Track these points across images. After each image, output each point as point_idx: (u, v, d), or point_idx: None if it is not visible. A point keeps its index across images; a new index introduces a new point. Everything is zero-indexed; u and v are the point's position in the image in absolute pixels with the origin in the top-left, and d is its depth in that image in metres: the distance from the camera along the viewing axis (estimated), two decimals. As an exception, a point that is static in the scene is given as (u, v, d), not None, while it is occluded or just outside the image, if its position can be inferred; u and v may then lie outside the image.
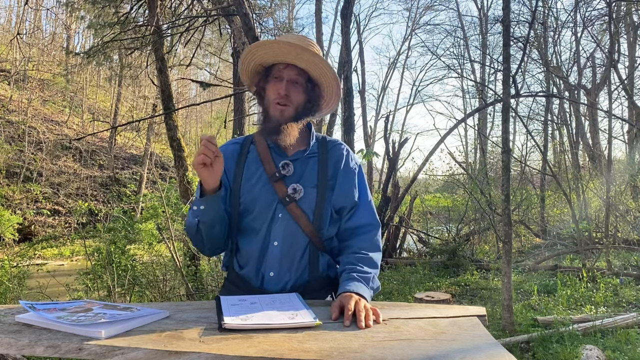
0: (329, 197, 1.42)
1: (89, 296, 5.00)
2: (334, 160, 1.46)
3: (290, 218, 1.39)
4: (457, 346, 0.96)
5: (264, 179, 1.41)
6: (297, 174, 1.42)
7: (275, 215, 1.39)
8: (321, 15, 11.42)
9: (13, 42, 12.37)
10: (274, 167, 1.42)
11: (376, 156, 8.21)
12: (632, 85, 11.81)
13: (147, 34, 7.71)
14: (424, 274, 7.57)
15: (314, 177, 1.43)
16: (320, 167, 1.44)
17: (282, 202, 1.39)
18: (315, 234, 1.41)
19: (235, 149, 1.49)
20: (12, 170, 15.29)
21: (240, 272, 1.44)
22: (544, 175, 11.67)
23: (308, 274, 1.42)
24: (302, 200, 1.39)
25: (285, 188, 1.39)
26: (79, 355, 0.92)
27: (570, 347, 3.79)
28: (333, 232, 1.47)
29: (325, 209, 1.41)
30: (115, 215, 6.98)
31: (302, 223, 1.39)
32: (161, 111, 9.28)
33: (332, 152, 1.48)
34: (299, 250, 1.40)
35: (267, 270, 1.39)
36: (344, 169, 1.46)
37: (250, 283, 1.41)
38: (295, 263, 1.40)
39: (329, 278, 1.47)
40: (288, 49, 1.37)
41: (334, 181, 1.44)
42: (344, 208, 1.45)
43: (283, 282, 1.40)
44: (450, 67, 19.79)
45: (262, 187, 1.41)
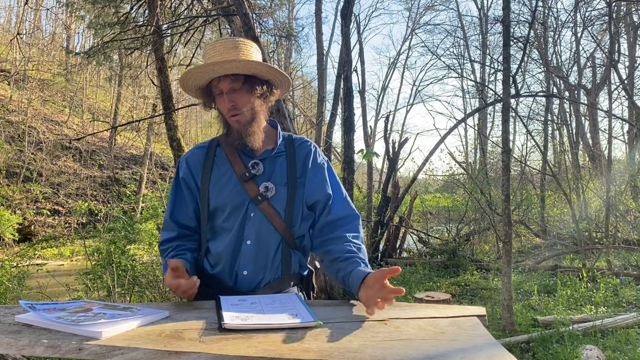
0: (299, 195, 1.45)
1: (89, 296, 5.00)
2: (302, 158, 1.49)
3: (262, 217, 1.41)
4: (457, 346, 0.96)
5: (234, 180, 1.44)
6: (267, 173, 1.44)
7: (248, 215, 1.41)
8: (321, 15, 11.41)
9: (13, 42, 12.37)
10: (243, 167, 1.44)
11: (376, 156, 8.21)
12: (632, 85, 11.80)
13: (147, 34, 7.71)
14: (424, 274, 7.57)
15: (284, 175, 1.45)
16: (289, 165, 1.47)
17: (253, 202, 1.41)
18: (288, 232, 1.43)
19: (202, 153, 1.52)
20: (12, 170, 15.29)
21: (212, 272, 1.46)
22: (544, 175, 11.67)
23: (281, 272, 1.44)
24: (274, 198, 1.42)
25: (256, 187, 1.42)
26: (79, 355, 0.92)
27: (570, 347, 3.79)
28: (305, 229, 1.49)
29: (296, 206, 1.44)
30: (115, 215, 6.99)
31: (275, 221, 1.42)
32: (161, 111, 9.28)
33: (300, 149, 1.51)
34: (272, 248, 1.43)
35: (241, 269, 1.42)
36: (312, 166, 1.49)
37: (223, 282, 1.43)
38: (269, 261, 1.42)
39: (300, 276, 1.50)
40: (212, 68, 1.39)
41: (303, 178, 1.47)
42: (318, 202, 1.47)
43: (257, 281, 1.42)
44: (450, 67, 19.77)
45: (232, 187, 1.43)
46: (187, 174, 1.50)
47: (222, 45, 1.42)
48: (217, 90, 1.43)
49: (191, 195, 1.50)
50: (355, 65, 14.87)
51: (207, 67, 1.39)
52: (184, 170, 1.51)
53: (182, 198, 1.51)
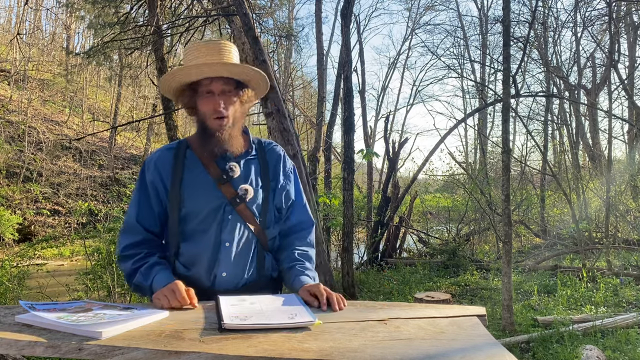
0: (271, 198, 1.49)
1: (89, 296, 5.00)
2: (273, 162, 1.52)
3: (239, 219, 1.43)
4: (457, 346, 0.97)
5: (209, 182, 1.43)
6: (243, 176, 1.45)
7: (225, 217, 1.42)
8: (321, 15, 11.42)
9: (13, 42, 12.37)
10: (218, 170, 1.44)
11: (376, 156, 8.21)
12: (632, 85, 11.80)
13: (147, 34, 7.71)
14: (424, 274, 7.56)
15: (258, 178, 1.48)
16: (262, 169, 1.49)
17: (231, 204, 1.41)
18: (262, 234, 1.47)
19: (170, 155, 1.49)
20: (12, 170, 15.28)
21: (187, 274, 1.44)
22: (544, 175, 11.67)
23: (257, 274, 1.46)
24: (251, 200, 1.43)
25: (234, 190, 1.42)
26: (79, 356, 0.92)
27: (570, 347, 3.79)
28: (276, 231, 1.52)
29: (269, 209, 1.48)
30: (115, 215, 6.98)
31: (251, 223, 1.44)
32: (161, 111, 9.28)
33: (270, 154, 1.53)
34: (248, 250, 1.45)
35: (220, 271, 1.42)
36: (283, 171, 1.53)
37: (200, 283, 1.42)
38: (246, 263, 1.45)
39: (272, 278, 1.53)
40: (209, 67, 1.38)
41: (275, 182, 1.50)
42: (283, 207, 1.52)
43: (235, 282, 1.43)
44: (450, 67, 19.76)
45: (208, 190, 1.42)
46: (156, 177, 1.46)
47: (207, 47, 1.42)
48: (207, 89, 1.41)
49: (157, 199, 1.47)
50: (355, 65, 14.86)
51: (205, 66, 1.37)
52: (152, 173, 1.47)
53: (148, 201, 1.47)
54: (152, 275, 1.36)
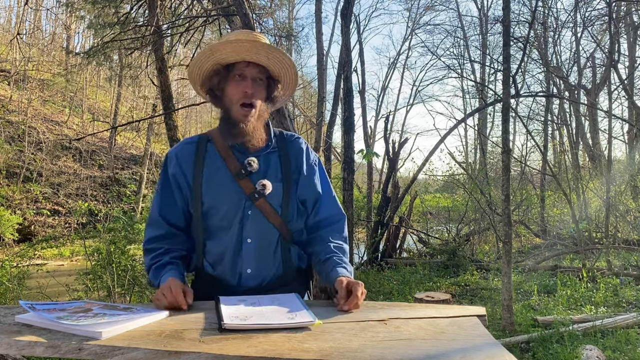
0: (294, 191, 1.46)
1: (89, 296, 5.00)
2: (295, 155, 1.49)
3: (260, 214, 1.41)
4: (457, 346, 0.97)
5: (228, 177, 1.41)
6: (262, 170, 1.43)
7: (245, 213, 1.40)
8: (321, 15, 11.42)
9: (13, 42, 12.36)
10: (237, 164, 1.42)
11: (376, 156, 8.21)
12: (632, 85, 11.80)
13: (147, 34, 7.71)
14: (424, 274, 7.56)
15: (278, 172, 1.45)
16: (282, 162, 1.46)
17: (250, 199, 1.40)
18: (285, 227, 1.44)
19: (191, 149, 1.47)
20: (12, 170, 15.28)
21: (213, 273, 1.43)
22: (544, 175, 11.67)
23: (283, 267, 1.44)
24: (270, 195, 1.41)
25: (252, 184, 1.40)
26: (79, 356, 0.92)
27: (570, 347, 3.79)
28: (301, 224, 1.50)
29: (291, 202, 1.45)
30: (115, 216, 6.98)
31: (272, 217, 1.42)
32: (161, 111, 9.28)
33: (292, 146, 1.51)
34: (272, 244, 1.43)
35: (244, 268, 1.41)
36: (306, 164, 1.49)
37: (226, 282, 1.41)
38: (270, 258, 1.43)
39: (300, 269, 1.50)
40: (249, 46, 1.37)
41: (297, 175, 1.47)
42: (308, 200, 1.49)
43: (260, 278, 1.42)
44: (450, 67, 19.75)
45: (227, 185, 1.41)
46: (177, 171, 1.45)
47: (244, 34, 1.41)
48: (240, 72, 1.39)
49: (180, 194, 1.45)
50: (355, 65, 14.88)
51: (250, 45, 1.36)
52: (174, 167, 1.46)
53: (171, 195, 1.46)
54: (161, 275, 1.35)
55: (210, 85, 1.46)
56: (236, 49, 1.38)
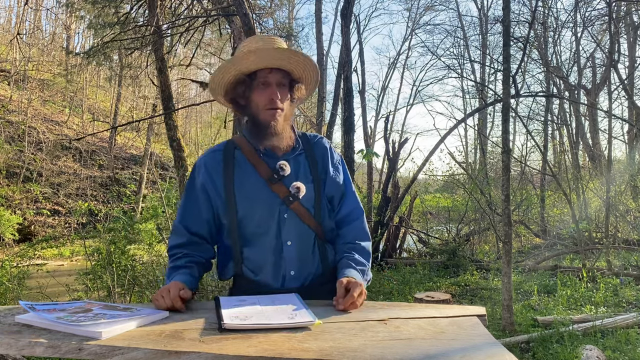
0: (323, 190, 1.48)
1: (89, 296, 5.00)
2: (320, 155, 1.51)
3: (295, 216, 1.42)
4: (457, 346, 0.96)
5: (260, 183, 1.42)
6: (294, 173, 1.44)
7: (281, 217, 1.41)
8: (321, 15, 11.43)
9: (13, 42, 12.37)
10: (269, 170, 1.42)
11: (376, 156, 8.21)
12: (632, 85, 11.80)
13: (147, 34, 7.71)
14: (424, 274, 7.56)
15: (308, 173, 1.46)
16: (310, 163, 1.48)
17: (285, 203, 1.41)
18: (319, 228, 1.46)
19: (219, 157, 1.47)
20: (12, 170, 15.28)
21: (255, 278, 1.44)
22: (544, 175, 11.67)
23: (322, 267, 1.47)
24: (304, 197, 1.43)
25: (286, 188, 1.41)
26: (79, 356, 0.92)
27: (570, 347, 3.79)
28: (332, 223, 1.52)
29: (322, 202, 1.48)
30: (115, 216, 6.98)
31: (306, 219, 1.43)
32: (161, 111, 9.28)
33: (316, 146, 1.53)
34: (310, 245, 1.45)
35: (288, 270, 1.42)
36: (331, 162, 1.52)
37: (270, 286, 1.42)
38: (310, 258, 1.45)
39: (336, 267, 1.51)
40: (272, 53, 1.38)
41: (324, 174, 1.50)
42: (334, 198, 1.52)
43: (302, 278, 1.44)
44: (450, 67, 19.77)
45: (260, 191, 1.41)
46: (207, 180, 1.45)
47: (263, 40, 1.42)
48: (263, 80, 1.40)
49: (207, 203, 1.46)
50: (355, 65, 14.85)
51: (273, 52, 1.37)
52: (203, 176, 1.46)
53: (196, 204, 1.46)
54: (171, 276, 1.37)
55: (233, 95, 1.46)
56: (259, 58, 1.38)
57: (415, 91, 23.31)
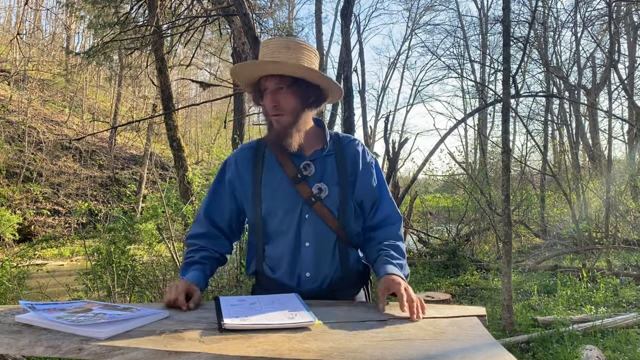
0: (350, 193, 1.45)
1: (89, 296, 5.00)
2: (351, 157, 1.48)
3: (317, 218, 1.41)
4: (457, 346, 0.97)
5: (285, 182, 1.42)
6: (319, 174, 1.43)
7: (302, 217, 1.41)
8: (321, 15, 11.43)
9: (13, 42, 12.37)
10: (294, 169, 1.43)
11: (376, 156, 8.20)
12: (632, 85, 11.80)
13: (147, 34, 7.71)
14: (424, 274, 7.56)
15: (335, 175, 1.45)
16: (339, 165, 1.46)
17: (307, 203, 1.41)
18: (342, 231, 1.44)
19: (250, 155, 1.50)
20: (12, 170, 15.28)
21: (273, 276, 1.45)
22: (544, 175, 11.66)
23: (341, 271, 1.45)
24: (327, 198, 1.42)
25: (309, 189, 1.41)
26: (79, 356, 0.92)
27: (570, 347, 3.79)
28: (358, 227, 1.50)
29: (348, 205, 1.45)
30: (115, 216, 6.98)
31: (329, 221, 1.42)
32: (161, 111, 9.28)
33: (348, 148, 1.50)
34: (329, 248, 1.43)
35: (303, 271, 1.42)
36: (362, 165, 1.49)
37: (286, 286, 1.43)
38: (328, 261, 1.43)
39: (359, 272, 1.51)
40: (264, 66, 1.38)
41: (353, 177, 1.47)
42: (366, 202, 1.49)
43: (319, 281, 1.43)
44: (450, 67, 19.78)
45: (284, 189, 1.42)
46: (235, 176, 1.48)
47: (275, 44, 1.41)
48: (264, 87, 1.41)
49: (232, 197, 1.49)
50: (355, 65, 14.89)
51: (253, 65, 1.40)
52: (232, 171, 1.49)
53: (221, 199, 1.50)
54: (186, 272, 1.39)
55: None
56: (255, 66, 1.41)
57: (415, 91, 23.36)
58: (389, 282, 1.26)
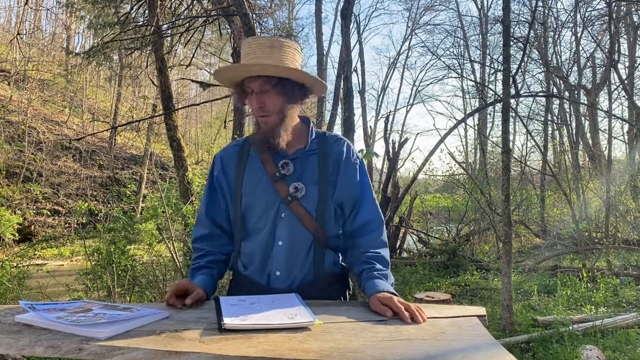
0: (330, 193, 1.43)
1: (89, 296, 5.00)
2: (334, 156, 1.46)
3: (293, 217, 1.40)
4: (457, 346, 0.96)
5: (265, 180, 1.43)
6: (298, 173, 1.42)
7: (279, 215, 1.40)
8: (321, 15, 11.43)
9: (13, 42, 12.37)
10: (274, 167, 1.42)
11: (376, 156, 8.21)
12: (632, 85, 11.81)
13: (147, 34, 7.71)
14: (424, 274, 7.56)
15: (315, 174, 1.43)
16: (320, 164, 1.44)
17: (284, 202, 1.40)
18: (320, 231, 1.42)
19: (235, 152, 1.51)
20: (12, 170, 15.28)
21: (244, 272, 1.46)
22: (544, 175, 11.67)
23: (313, 272, 1.42)
24: (304, 198, 1.40)
25: (287, 187, 1.40)
26: (79, 356, 0.92)
27: (570, 347, 3.79)
28: (338, 229, 1.47)
29: (327, 205, 1.42)
30: (115, 216, 6.98)
31: (306, 221, 1.40)
32: (161, 111, 9.29)
33: (333, 147, 1.48)
34: (304, 248, 1.41)
35: (273, 270, 1.41)
36: (344, 164, 1.46)
37: (256, 283, 1.43)
38: (300, 262, 1.41)
39: (335, 275, 1.48)
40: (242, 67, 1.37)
41: (334, 177, 1.44)
42: (346, 204, 1.46)
43: (289, 281, 1.41)
44: (450, 67, 19.78)
45: (263, 187, 1.42)
46: (220, 173, 1.50)
47: (257, 44, 1.39)
48: (249, 89, 1.41)
49: (222, 195, 1.50)
50: (355, 65, 14.88)
51: (238, 67, 1.39)
52: (218, 169, 1.51)
53: (216, 197, 1.51)
54: (193, 278, 1.40)
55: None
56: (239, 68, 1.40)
57: (415, 91, 23.35)
58: (381, 298, 1.22)
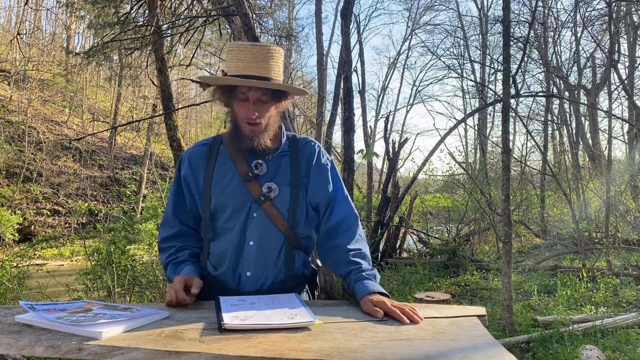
0: (302, 195, 1.44)
1: (89, 296, 5.00)
2: (305, 158, 1.47)
3: (265, 217, 1.40)
4: (457, 346, 0.97)
5: (236, 179, 1.42)
6: (271, 173, 1.43)
7: (250, 215, 1.40)
8: (321, 15, 11.41)
9: (13, 42, 12.36)
10: (246, 167, 1.42)
11: (376, 156, 8.21)
12: (632, 85, 11.80)
13: (147, 34, 7.71)
14: (424, 274, 7.56)
15: (287, 176, 1.44)
16: (292, 165, 1.45)
17: (256, 202, 1.40)
18: (291, 232, 1.43)
19: (204, 151, 1.50)
20: (12, 170, 15.28)
21: (214, 273, 1.44)
22: (544, 175, 11.67)
23: (284, 273, 1.43)
24: (277, 198, 1.40)
25: (259, 187, 1.40)
26: (79, 356, 0.92)
27: (570, 347, 3.79)
28: (309, 230, 1.49)
29: (299, 206, 1.43)
30: (115, 216, 6.98)
31: (278, 222, 1.41)
32: (161, 111, 9.28)
33: (303, 149, 1.49)
34: (275, 249, 1.42)
35: (244, 271, 1.40)
36: (316, 166, 1.47)
37: (227, 284, 1.42)
38: (271, 262, 1.41)
39: (304, 276, 1.49)
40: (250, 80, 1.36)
41: (307, 179, 1.45)
42: (321, 205, 1.47)
43: (260, 282, 1.41)
44: (450, 67, 19.76)
45: (235, 187, 1.41)
46: (188, 172, 1.48)
47: (252, 54, 1.37)
48: (243, 96, 1.39)
49: (189, 194, 1.49)
50: (355, 65, 14.85)
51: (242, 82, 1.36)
52: (185, 168, 1.49)
53: (182, 195, 1.50)
54: (178, 271, 1.38)
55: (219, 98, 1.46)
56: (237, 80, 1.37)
57: (415, 91, 23.30)
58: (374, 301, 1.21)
